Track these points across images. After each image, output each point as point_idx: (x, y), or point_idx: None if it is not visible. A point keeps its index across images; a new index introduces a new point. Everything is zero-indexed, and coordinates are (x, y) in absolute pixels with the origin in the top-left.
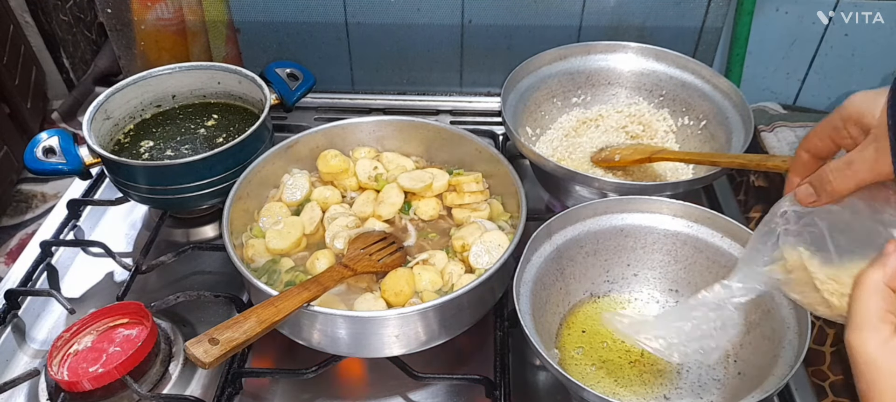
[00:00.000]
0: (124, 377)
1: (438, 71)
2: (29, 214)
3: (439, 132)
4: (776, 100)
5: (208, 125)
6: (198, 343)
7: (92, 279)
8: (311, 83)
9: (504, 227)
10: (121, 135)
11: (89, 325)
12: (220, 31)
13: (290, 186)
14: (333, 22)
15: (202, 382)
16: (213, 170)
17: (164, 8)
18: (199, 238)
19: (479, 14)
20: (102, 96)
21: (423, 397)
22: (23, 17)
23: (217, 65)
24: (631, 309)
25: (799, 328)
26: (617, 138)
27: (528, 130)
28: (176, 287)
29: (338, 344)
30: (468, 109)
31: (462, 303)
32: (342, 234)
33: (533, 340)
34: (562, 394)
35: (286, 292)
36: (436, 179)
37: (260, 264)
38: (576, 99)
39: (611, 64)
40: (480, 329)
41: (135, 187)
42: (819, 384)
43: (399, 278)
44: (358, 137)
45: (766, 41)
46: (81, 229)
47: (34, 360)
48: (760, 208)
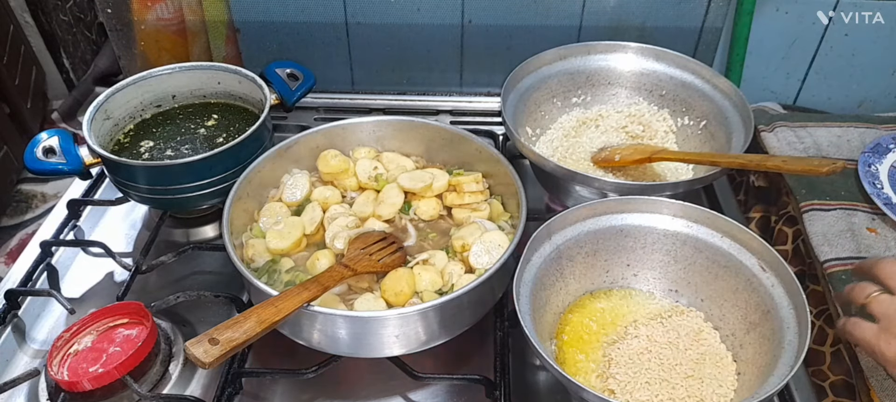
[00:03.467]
0: (124, 377)
1: (438, 71)
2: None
3: (439, 132)
4: (776, 100)
5: (208, 125)
6: (198, 343)
7: (92, 279)
8: (311, 83)
9: (504, 227)
10: (121, 135)
11: (89, 325)
12: (220, 31)
13: (290, 186)
14: (333, 22)
15: (202, 382)
16: (213, 170)
17: (164, 8)
18: (199, 238)
19: (479, 14)
20: (102, 96)
21: (423, 397)
22: (23, 17)
23: (217, 65)
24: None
25: (799, 328)
26: (617, 138)
27: (528, 130)
28: (176, 287)
29: (338, 344)
30: (468, 109)
31: (462, 303)
32: (342, 234)
33: (533, 340)
34: (562, 394)
35: (286, 292)
36: (436, 179)
37: (260, 264)
38: (576, 99)
39: (611, 64)
40: (480, 329)
41: (135, 187)
42: (819, 384)
43: (399, 278)
44: (358, 137)
45: (766, 41)
46: (81, 229)
47: (34, 360)
48: (760, 209)
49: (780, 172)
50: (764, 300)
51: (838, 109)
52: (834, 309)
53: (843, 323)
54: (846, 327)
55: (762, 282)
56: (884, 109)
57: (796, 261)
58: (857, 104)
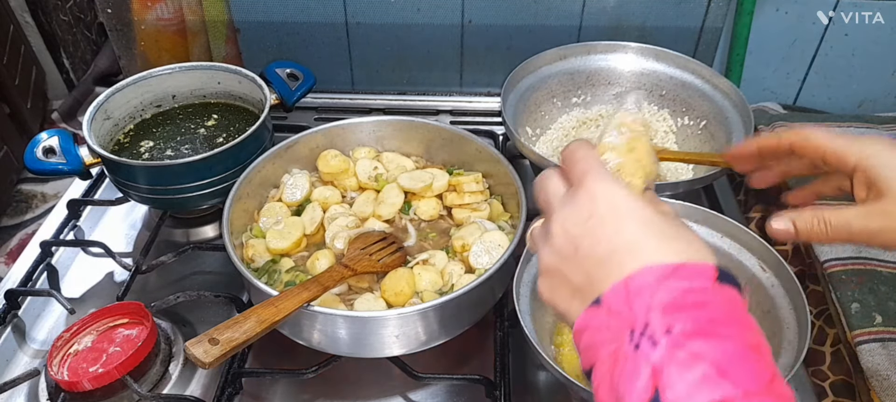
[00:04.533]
0: (124, 377)
1: (438, 71)
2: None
3: (439, 132)
4: (776, 100)
5: (208, 125)
6: (198, 343)
7: (92, 279)
8: (311, 83)
9: (504, 227)
10: (121, 135)
11: (89, 325)
12: (220, 31)
13: (291, 186)
14: (333, 22)
15: (202, 382)
16: (213, 170)
17: (164, 8)
18: (199, 238)
19: (479, 14)
20: (102, 96)
21: (423, 397)
22: (23, 17)
23: (217, 65)
24: None
25: (799, 328)
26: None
27: (528, 130)
28: (176, 287)
29: (338, 344)
30: (468, 109)
31: (462, 303)
32: (342, 234)
33: (533, 340)
34: (562, 394)
35: (286, 292)
36: (436, 179)
37: (260, 264)
38: (576, 99)
39: (611, 64)
40: (480, 329)
41: (135, 187)
42: (819, 384)
43: (399, 278)
44: (358, 137)
45: (766, 41)
46: (81, 229)
47: (34, 360)
48: (760, 208)
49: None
50: (764, 300)
51: (838, 109)
52: (834, 309)
53: None
54: None
55: (762, 282)
56: (884, 109)
57: (796, 261)
58: (857, 104)
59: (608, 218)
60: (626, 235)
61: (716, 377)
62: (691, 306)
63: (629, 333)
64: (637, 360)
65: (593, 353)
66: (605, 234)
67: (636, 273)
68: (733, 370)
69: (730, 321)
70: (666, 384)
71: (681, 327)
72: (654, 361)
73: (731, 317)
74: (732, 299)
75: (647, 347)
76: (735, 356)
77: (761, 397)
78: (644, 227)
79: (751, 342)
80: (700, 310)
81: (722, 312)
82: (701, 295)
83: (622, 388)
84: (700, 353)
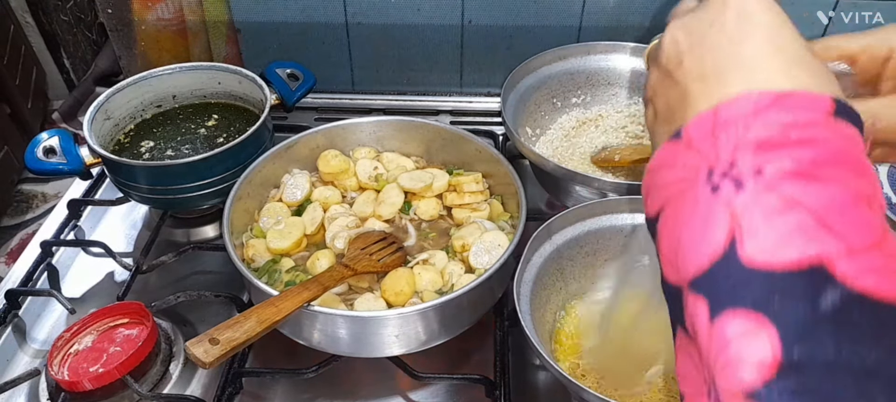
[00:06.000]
0: (125, 376)
1: (438, 71)
2: (29, 214)
3: (439, 132)
4: None
5: (209, 125)
6: (198, 343)
7: (92, 279)
8: (311, 83)
9: (504, 227)
10: (121, 135)
11: (90, 325)
12: (220, 31)
13: (291, 186)
14: (334, 22)
15: (202, 382)
16: (214, 170)
17: (164, 8)
18: (200, 238)
19: (479, 14)
20: (103, 96)
21: (423, 397)
22: (23, 17)
23: (217, 65)
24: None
25: None
26: (617, 138)
27: (528, 130)
28: (176, 287)
29: (338, 344)
30: (468, 109)
31: (462, 303)
32: (342, 234)
33: (533, 340)
34: (562, 394)
35: (286, 292)
36: (436, 179)
37: (260, 264)
38: (576, 99)
39: (611, 64)
40: (480, 329)
41: (135, 187)
42: None
43: (399, 278)
44: (358, 137)
45: None
46: (82, 229)
47: (35, 360)
48: None
49: None
50: None
51: None
52: None
53: None
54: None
55: None
56: None
57: None
58: None
59: (731, 25)
60: (746, 48)
61: (814, 227)
62: (794, 144)
63: (707, 173)
64: (712, 205)
65: (659, 194)
66: (719, 43)
67: (730, 101)
68: (837, 220)
69: (840, 163)
70: (746, 234)
71: (776, 168)
72: (735, 207)
73: (842, 158)
74: (849, 137)
75: (728, 190)
76: (842, 205)
77: (869, 255)
78: (771, 44)
79: (863, 192)
80: (804, 148)
81: (832, 151)
82: (808, 130)
83: (686, 238)
84: (797, 198)
